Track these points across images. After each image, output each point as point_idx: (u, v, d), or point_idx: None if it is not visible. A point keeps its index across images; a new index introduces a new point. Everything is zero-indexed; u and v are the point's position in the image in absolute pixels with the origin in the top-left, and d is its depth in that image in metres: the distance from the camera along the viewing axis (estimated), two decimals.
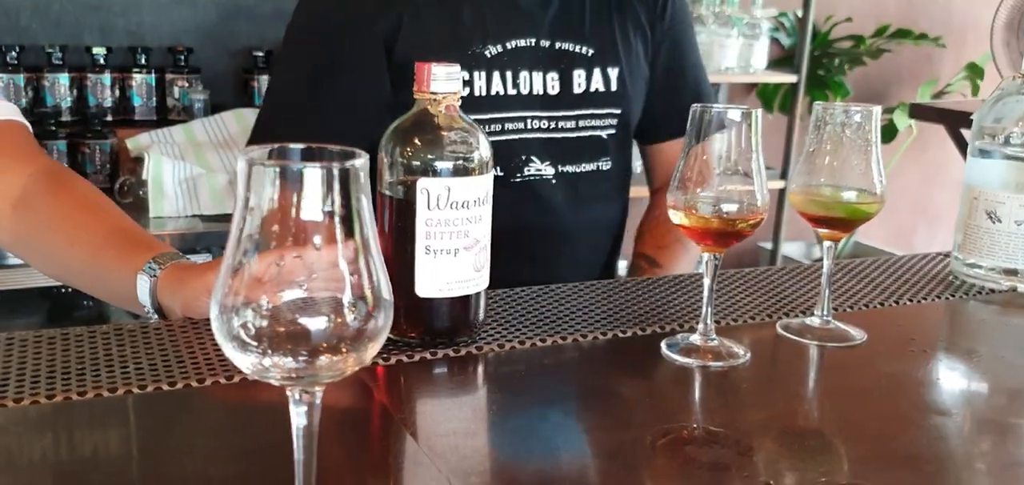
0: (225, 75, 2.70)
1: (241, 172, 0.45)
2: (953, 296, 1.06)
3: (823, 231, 0.89)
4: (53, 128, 2.31)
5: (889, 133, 3.17)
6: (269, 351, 0.46)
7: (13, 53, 2.39)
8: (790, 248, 3.31)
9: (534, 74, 1.21)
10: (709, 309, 0.84)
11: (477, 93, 1.17)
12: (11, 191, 0.96)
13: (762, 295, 1.03)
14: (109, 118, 2.49)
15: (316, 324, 0.46)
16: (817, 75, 3.21)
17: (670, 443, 0.70)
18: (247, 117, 2.54)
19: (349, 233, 0.46)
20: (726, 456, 0.68)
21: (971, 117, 1.12)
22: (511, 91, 1.20)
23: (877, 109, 0.87)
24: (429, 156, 0.78)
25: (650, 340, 0.88)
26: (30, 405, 0.69)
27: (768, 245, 3.22)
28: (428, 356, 0.81)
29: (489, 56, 1.18)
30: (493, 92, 1.19)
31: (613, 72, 1.25)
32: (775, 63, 3.18)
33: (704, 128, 0.80)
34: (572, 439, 0.72)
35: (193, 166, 2.33)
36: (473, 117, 1.16)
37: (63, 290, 2.25)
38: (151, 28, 2.62)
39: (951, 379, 0.86)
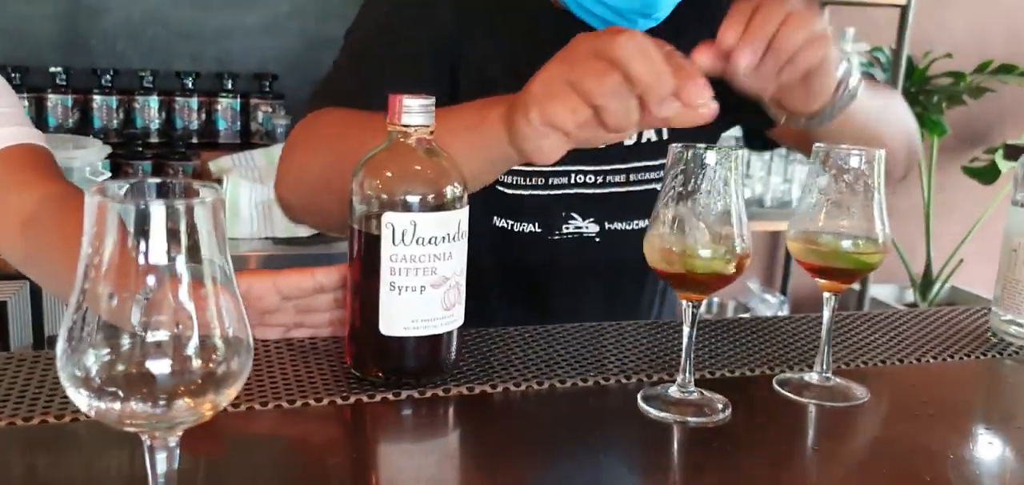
0: (308, 102, 2.76)
1: (88, 207, 0.45)
2: (986, 354, 0.98)
3: (822, 281, 0.84)
4: (140, 149, 2.41)
5: (991, 175, 3.01)
6: (122, 395, 0.45)
7: (108, 76, 2.51)
8: (879, 291, 3.16)
9: None
10: (689, 360, 0.80)
11: None
12: (23, 211, 0.99)
13: (775, 346, 0.97)
14: (194, 140, 2.58)
15: (161, 367, 0.45)
16: (913, 113, 3.07)
17: None
18: None
19: (198, 273, 0.45)
20: None
21: None
22: None
23: (880, 152, 0.81)
24: (395, 189, 0.77)
25: (633, 389, 0.84)
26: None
27: (855, 285, 3.08)
28: (391, 397, 0.79)
29: None
30: None
31: None
32: None
33: (690, 168, 0.76)
34: None
35: (270, 189, 2.39)
36: (516, 169, 1.10)
37: None
38: (239, 55, 2.71)
39: (964, 447, 0.78)
